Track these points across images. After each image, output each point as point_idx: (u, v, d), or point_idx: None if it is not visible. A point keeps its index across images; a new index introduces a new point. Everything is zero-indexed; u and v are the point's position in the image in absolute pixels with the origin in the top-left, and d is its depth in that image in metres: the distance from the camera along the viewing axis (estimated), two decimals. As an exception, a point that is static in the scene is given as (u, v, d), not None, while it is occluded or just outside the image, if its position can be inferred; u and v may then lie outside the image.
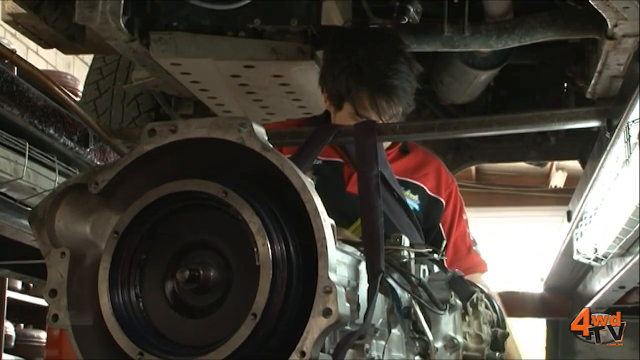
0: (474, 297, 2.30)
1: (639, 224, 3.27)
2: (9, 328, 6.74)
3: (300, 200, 1.58)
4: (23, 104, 3.01)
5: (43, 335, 7.18)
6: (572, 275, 5.28)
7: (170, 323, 1.68)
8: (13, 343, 6.80)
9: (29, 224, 1.77)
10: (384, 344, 2.01)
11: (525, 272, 8.82)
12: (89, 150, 3.40)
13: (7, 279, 6.39)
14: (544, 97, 4.18)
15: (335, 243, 1.60)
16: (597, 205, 3.55)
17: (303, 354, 1.53)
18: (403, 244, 2.23)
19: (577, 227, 3.85)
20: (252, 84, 3.15)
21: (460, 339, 2.25)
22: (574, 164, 5.14)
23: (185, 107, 3.89)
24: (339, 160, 2.93)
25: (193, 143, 1.67)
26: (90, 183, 1.74)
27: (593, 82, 2.88)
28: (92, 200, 1.75)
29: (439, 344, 2.21)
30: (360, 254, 1.96)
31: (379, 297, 1.92)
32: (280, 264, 1.58)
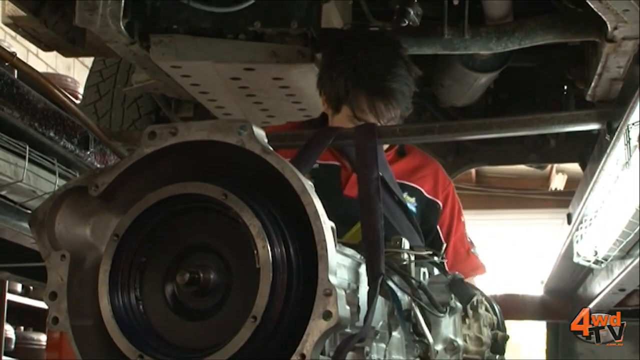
0: (474, 299, 2.30)
1: (639, 227, 3.27)
2: (9, 331, 6.74)
3: (301, 203, 1.58)
4: (23, 107, 3.01)
5: (43, 338, 7.18)
6: (572, 278, 5.28)
7: (170, 326, 1.68)
8: (13, 346, 6.79)
9: (29, 227, 1.77)
10: (384, 347, 2.01)
11: (526, 274, 8.81)
12: (89, 153, 3.40)
13: (7, 282, 6.38)
14: (544, 99, 4.18)
15: (336, 246, 1.60)
16: (597, 208, 3.55)
17: (303, 357, 1.53)
18: (403, 247, 2.23)
19: (577, 229, 3.85)
20: (252, 87, 3.15)
21: (461, 342, 2.25)
22: (574, 167, 5.14)
23: (186, 109, 3.88)
24: (336, 164, 2.93)
25: (193, 146, 1.68)
26: (90, 186, 1.74)
27: (593, 84, 2.88)
28: (92, 203, 1.75)
29: (439, 347, 2.21)
30: (361, 257, 1.96)
31: (379, 299, 1.92)
32: (281, 267, 1.58)
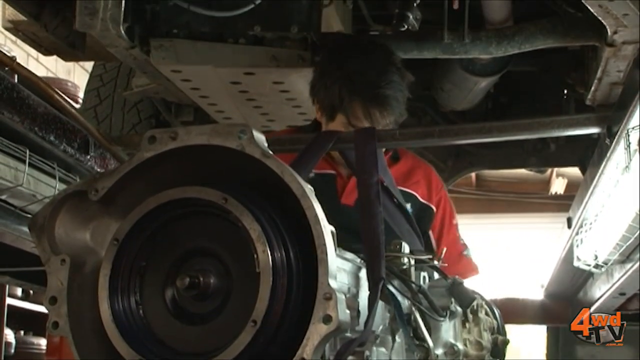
0: (474, 303, 2.30)
1: (639, 231, 3.27)
2: (9, 335, 6.73)
3: (300, 207, 1.58)
4: (23, 111, 3.01)
5: (43, 343, 7.18)
6: (572, 282, 5.28)
7: (171, 330, 1.68)
8: (13, 350, 6.79)
9: (29, 231, 1.77)
10: (385, 351, 2.01)
11: (526, 278, 8.81)
12: (90, 157, 3.40)
13: (7, 286, 6.38)
14: (544, 103, 4.18)
15: (336, 250, 1.60)
16: (597, 212, 3.55)
17: (303, 361, 1.53)
18: (403, 251, 2.23)
19: (577, 233, 3.85)
20: (252, 91, 3.15)
21: (461, 346, 2.25)
22: (574, 171, 5.14)
23: (186, 114, 3.89)
24: (332, 172, 2.94)
25: (193, 150, 1.68)
26: (90, 190, 1.74)
27: (593, 89, 2.88)
28: (92, 208, 1.75)
29: (440, 351, 2.21)
30: (361, 261, 1.96)
31: (380, 303, 1.92)
32: (281, 271, 1.57)
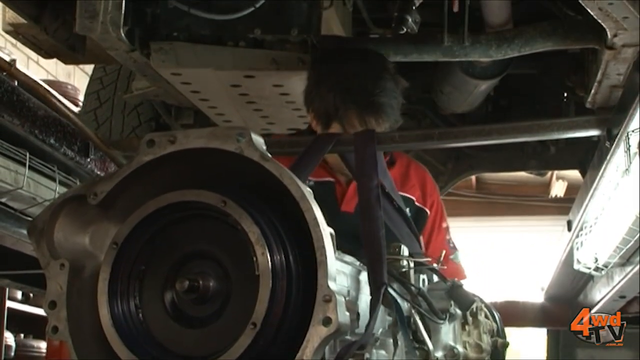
0: (474, 306, 2.30)
1: (639, 234, 3.28)
2: (9, 338, 6.73)
3: (300, 210, 1.58)
4: (23, 114, 3.01)
5: (43, 346, 7.18)
6: (572, 285, 5.28)
7: (170, 333, 1.68)
8: (13, 353, 6.79)
9: (28, 236, 1.77)
10: (385, 354, 2.01)
11: (526, 281, 8.81)
12: (90, 160, 3.40)
13: (7, 289, 6.38)
14: (544, 106, 4.18)
15: (335, 252, 1.60)
16: (597, 215, 3.55)
17: (303, 363, 1.53)
18: (402, 254, 2.23)
19: (577, 236, 3.85)
20: (252, 94, 3.14)
21: (461, 349, 2.25)
22: (574, 174, 5.14)
23: (186, 116, 3.88)
24: (331, 180, 2.94)
25: (192, 153, 1.68)
26: (89, 194, 1.74)
27: (593, 91, 2.88)
28: (91, 212, 1.75)
29: (439, 354, 2.21)
30: (360, 264, 1.96)
31: (380, 307, 1.92)
32: (280, 273, 1.58)
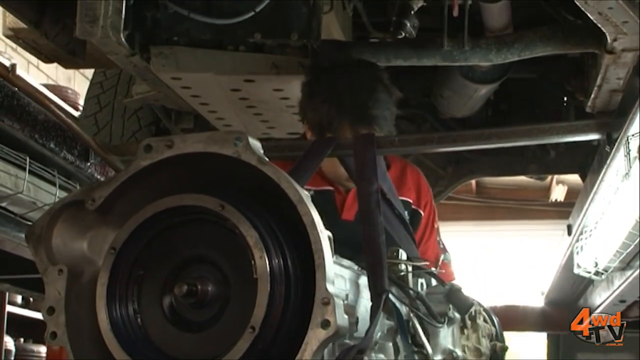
0: (472, 310, 2.30)
1: (639, 238, 3.27)
2: (9, 342, 6.73)
3: (297, 213, 1.58)
4: (24, 119, 3.02)
5: (43, 350, 7.18)
6: (572, 289, 5.28)
7: (169, 338, 1.68)
8: (13, 358, 6.79)
9: (27, 242, 1.77)
10: (384, 357, 2.01)
11: (526, 285, 8.81)
12: (90, 164, 3.41)
13: (7, 293, 6.39)
14: (544, 111, 4.18)
15: (333, 256, 1.60)
16: (597, 219, 3.55)
17: (302, 366, 1.53)
18: (400, 258, 2.23)
19: (577, 240, 3.85)
20: (252, 98, 3.15)
21: (460, 353, 2.25)
22: (575, 178, 5.15)
23: (186, 121, 3.89)
24: (330, 189, 2.95)
25: (189, 158, 1.68)
26: (87, 200, 1.74)
27: (593, 96, 2.88)
28: (89, 217, 1.75)
29: (438, 358, 2.21)
30: (359, 268, 1.96)
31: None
32: (278, 277, 1.58)
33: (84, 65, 3.68)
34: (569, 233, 3.98)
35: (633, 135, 2.63)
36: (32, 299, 6.85)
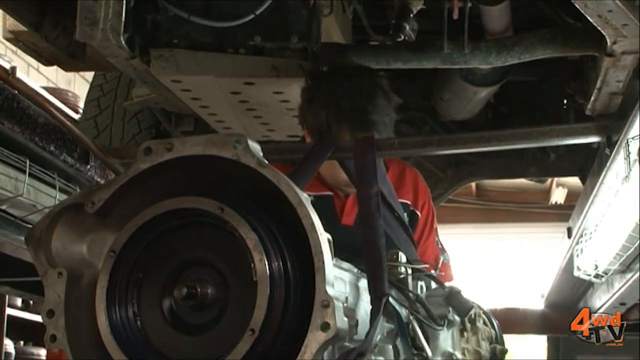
0: (472, 313, 2.30)
1: (639, 241, 3.27)
2: (9, 345, 6.73)
3: (297, 216, 1.58)
4: (24, 122, 3.02)
5: (43, 353, 7.17)
6: (572, 292, 5.27)
7: (168, 341, 1.68)
8: (13, 360, 6.79)
9: (26, 245, 1.77)
10: (383, 360, 2.01)
11: (526, 288, 8.80)
12: (90, 167, 3.41)
13: (7, 296, 6.38)
14: (544, 113, 4.18)
15: (333, 259, 1.60)
16: (597, 222, 3.55)
17: (302, 369, 1.53)
18: (400, 260, 2.23)
19: (577, 243, 3.85)
20: (252, 101, 3.15)
21: (459, 355, 2.25)
22: (574, 180, 5.14)
23: (186, 123, 3.89)
24: (329, 194, 2.95)
25: (189, 160, 1.68)
26: (87, 203, 1.74)
27: (592, 98, 2.88)
28: (88, 220, 1.75)
29: (438, 360, 2.21)
30: (358, 271, 1.96)
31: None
32: (278, 280, 1.58)
33: (84, 68, 3.68)
34: (569, 235, 3.97)
35: (633, 138, 2.63)
36: (32, 302, 6.84)
